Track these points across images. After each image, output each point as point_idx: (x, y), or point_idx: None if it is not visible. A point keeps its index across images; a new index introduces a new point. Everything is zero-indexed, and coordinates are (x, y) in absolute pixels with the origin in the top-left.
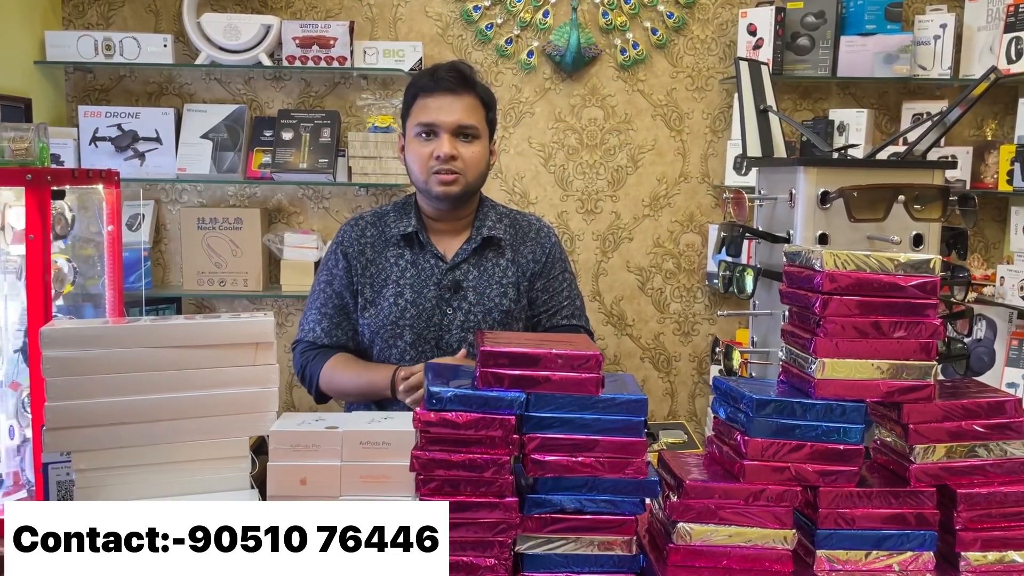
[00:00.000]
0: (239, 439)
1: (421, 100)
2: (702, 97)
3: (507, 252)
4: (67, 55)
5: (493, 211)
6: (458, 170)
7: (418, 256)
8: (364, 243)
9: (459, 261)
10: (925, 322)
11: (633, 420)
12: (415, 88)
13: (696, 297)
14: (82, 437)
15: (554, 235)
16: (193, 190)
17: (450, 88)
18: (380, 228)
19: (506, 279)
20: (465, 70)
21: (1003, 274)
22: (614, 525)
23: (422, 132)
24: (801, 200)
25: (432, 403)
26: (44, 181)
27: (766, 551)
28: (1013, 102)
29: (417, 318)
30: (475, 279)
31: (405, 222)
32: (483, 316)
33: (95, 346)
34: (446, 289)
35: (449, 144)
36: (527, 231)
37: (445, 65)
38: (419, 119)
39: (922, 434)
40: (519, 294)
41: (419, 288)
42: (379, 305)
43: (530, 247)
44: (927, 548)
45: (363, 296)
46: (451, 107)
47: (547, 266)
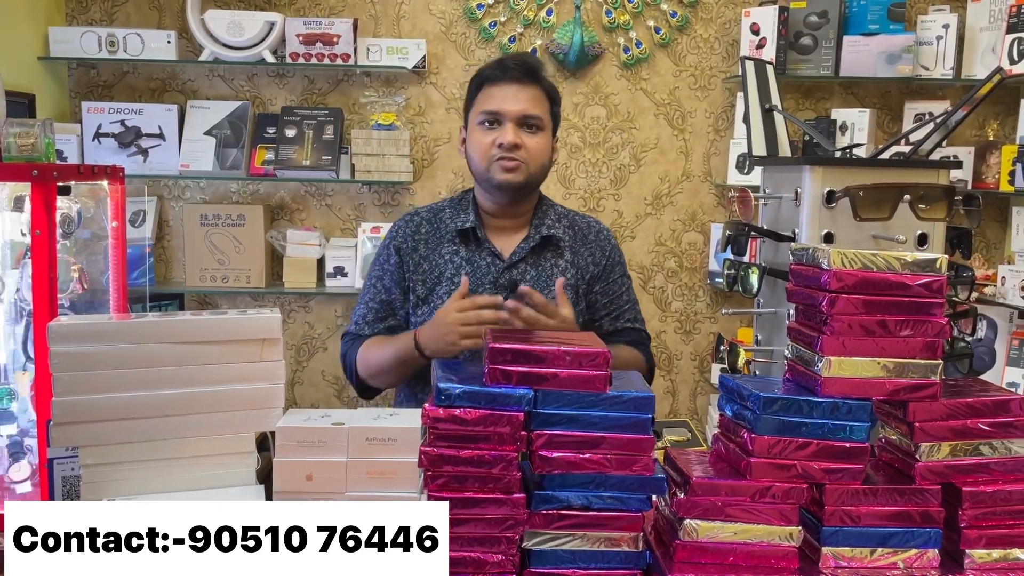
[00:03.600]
0: (245, 435)
1: (486, 89)
2: (705, 96)
3: (566, 253)
4: (70, 51)
5: (552, 210)
6: (521, 159)
7: (474, 253)
8: (418, 239)
9: (517, 260)
10: (931, 321)
11: (640, 417)
12: (480, 78)
13: (698, 296)
14: (89, 432)
15: (613, 238)
16: (196, 187)
17: (516, 78)
18: (435, 224)
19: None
20: (532, 62)
21: (1004, 274)
22: (621, 521)
23: (486, 120)
24: (806, 199)
25: (440, 399)
26: (50, 177)
27: (772, 548)
28: (1015, 103)
29: None
30: (533, 279)
31: (462, 217)
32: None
33: (103, 341)
34: (503, 288)
35: (513, 133)
36: (587, 233)
37: (513, 56)
38: (483, 107)
39: (927, 432)
40: (577, 297)
41: (474, 286)
42: (432, 303)
43: (590, 249)
44: (932, 546)
45: (415, 293)
46: (517, 96)
47: (607, 269)
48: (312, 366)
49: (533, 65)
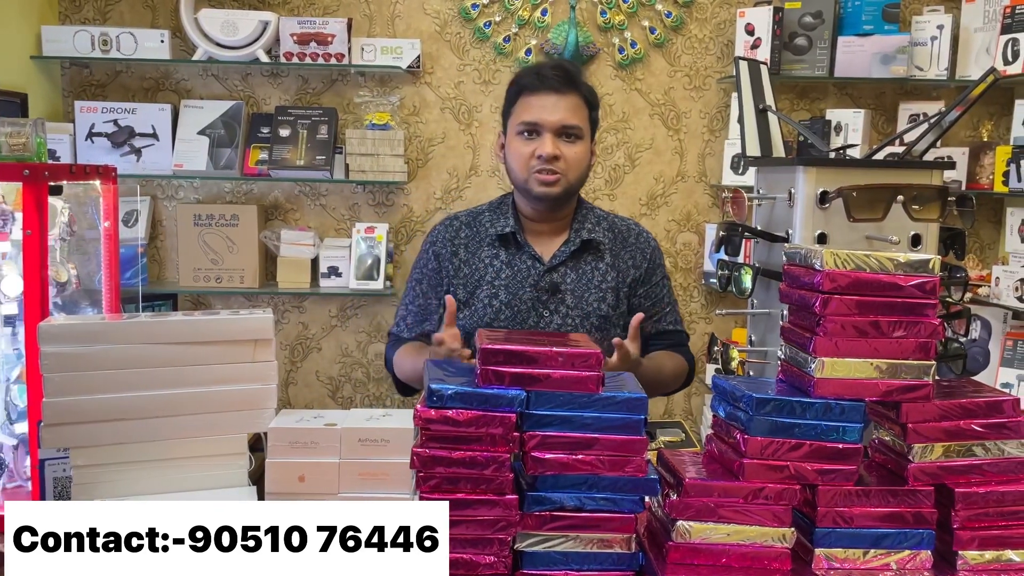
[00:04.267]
0: (237, 436)
1: (524, 98)
2: (700, 96)
3: (606, 256)
4: (63, 50)
5: (592, 214)
6: (560, 170)
7: (514, 257)
8: (458, 244)
9: (557, 263)
10: (924, 322)
11: (633, 418)
12: (518, 86)
13: (692, 296)
14: (80, 433)
15: (653, 240)
16: (190, 187)
17: (554, 87)
18: (475, 228)
19: (605, 284)
20: (571, 69)
21: (998, 274)
22: (613, 523)
23: (524, 131)
24: (800, 200)
25: (432, 400)
26: (42, 176)
27: (765, 549)
28: (1009, 103)
29: (512, 320)
30: (573, 282)
31: (502, 222)
32: (581, 320)
33: (94, 342)
34: (543, 291)
35: (552, 144)
36: (627, 236)
37: (550, 63)
38: (522, 118)
39: (920, 433)
40: (618, 300)
41: (514, 289)
42: (473, 306)
43: (630, 252)
44: (925, 547)
45: (455, 297)
46: (555, 106)
47: (649, 272)
48: (306, 366)
49: (571, 72)
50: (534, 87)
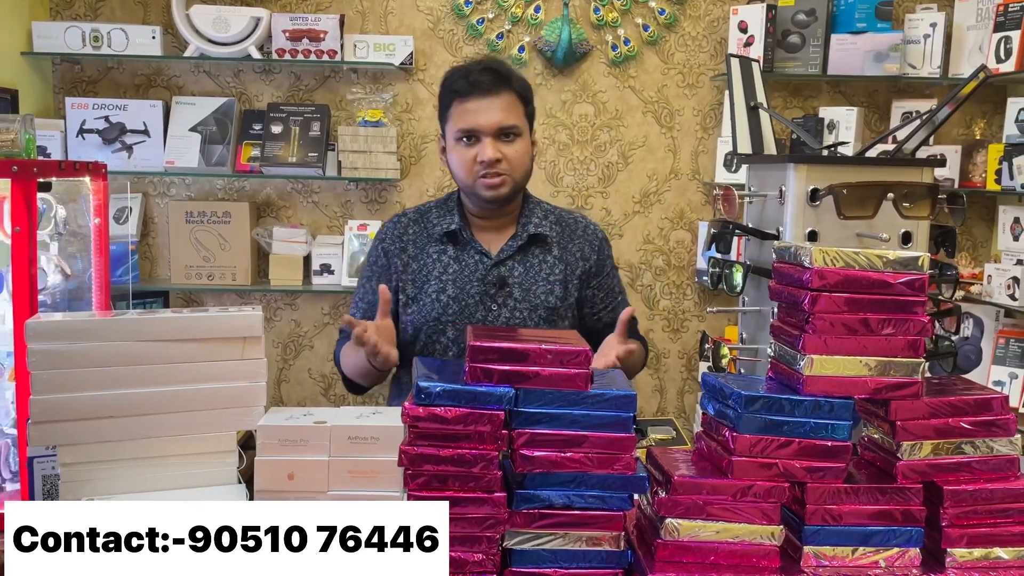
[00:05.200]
0: (227, 434)
1: (459, 104)
2: (693, 94)
3: (554, 249)
4: (54, 46)
5: (539, 208)
6: (504, 171)
7: (461, 253)
8: (406, 240)
9: (504, 258)
10: (913, 319)
11: (622, 416)
12: (450, 92)
13: (686, 294)
14: (68, 431)
15: (601, 232)
16: (181, 183)
17: (487, 89)
18: (422, 225)
19: (553, 276)
20: (500, 67)
21: (990, 272)
22: (602, 521)
23: (463, 137)
24: (791, 197)
25: (421, 398)
26: (30, 173)
27: (754, 547)
28: (1002, 101)
29: (460, 314)
30: (521, 276)
31: (448, 219)
32: (528, 313)
33: (81, 339)
34: (491, 285)
35: (492, 148)
36: (574, 229)
37: (478, 65)
38: (459, 125)
39: (909, 431)
40: (566, 292)
41: (462, 284)
42: (422, 301)
43: (578, 244)
44: (913, 544)
45: (405, 293)
46: (490, 109)
47: (599, 264)
48: (298, 364)
49: (501, 71)
50: (466, 92)
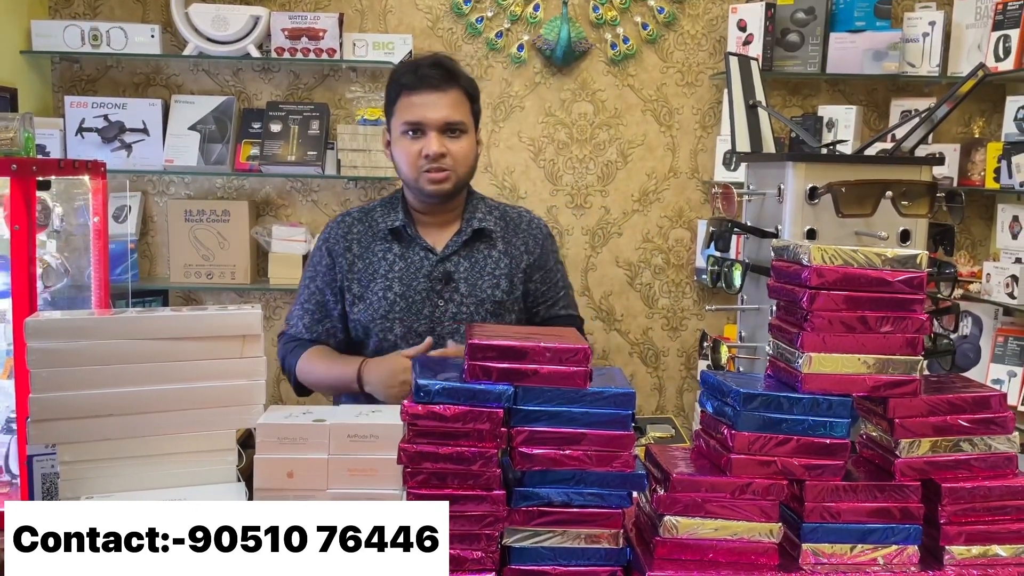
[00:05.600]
0: (226, 432)
1: (406, 97)
2: (692, 92)
3: (499, 244)
4: (53, 45)
5: (482, 203)
6: (448, 167)
7: (407, 249)
8: (351, 239)
9: (449, 253)
10: (911, 317)
11: (621, 414)
12: (398, 85)
13: (685, 292)
14: (67, 429)
15: (545, 226)
16: (180, 182)
17: (435, 85)
18: (367, 224)
19: (498, 270)
20: (448, 64)
21: (989, 271)
22: (601, 518)
23: (409, 130)
24: (789, 195)
25: (420, 396)
26: (29, 171)
27: (752, 544)
28: (1001, 100)
29: (407, 311)
30: (466, 271)
31: (392, 216)
32: (475, 308)
33: (80, 338)
34: (437, 281)
35: (437, 142)
36: (518, 223)
37: (427, 60)
38: (404, 118)
39: (907, 428)
40: (512, 285)
41: (408, 281)
42: (368, 300)
43: (522, 238)
44: (912, 542)
45: (351, 292)
46: (437, 104)
47: (542, 257)
48: None
49: (450, 68)
50: (414, 86)
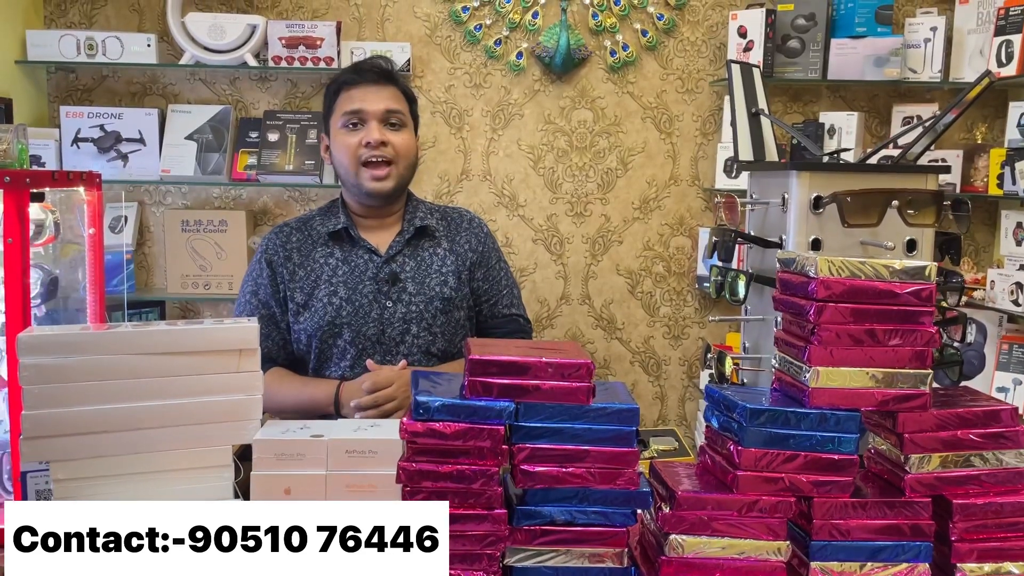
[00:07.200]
0: (222, 447)
1: (345, 93)
2: (692, 99)
3: (443, 242)
4: (49, 55)
5: (422, 205)
6: (389, 157)
7: (349, 253)
8: (290, 248)
9: (394, 254)
10: (920, 330)
11: (624, 430)
12: (337, 84)
13: (686, 301)
14: (60, 446)
15: (485, 225)
16: (177, 192)
17: (374, 80)
18: (306, 232)
19: (445, 267)
20: (387, 65)
21: (993, 278)
22: (605, 537)
23: (349, 122)
24: (793, 205)
25: (419, 413)
26: (23, 183)
27: (759, 563)
28: (1003, 105)
29: (354, 315)
30: (412, 270)
31: (333, 220)
32: (425, 306)
33: (74, 353)
34: (383, 283)
35: (378, 130)
36: (459, 222)
37: (368, 60)
38: (345, 109)
39: (917, 443)
40: (460, 282)
41: (353, 284)
42: (313, 307)
43: (465, 236)
44: (922, 559)
45: (294, 302)
46: (377, 95)
47: (485, 256)
48: None
49: (388, 69)
50: (353, 81)
